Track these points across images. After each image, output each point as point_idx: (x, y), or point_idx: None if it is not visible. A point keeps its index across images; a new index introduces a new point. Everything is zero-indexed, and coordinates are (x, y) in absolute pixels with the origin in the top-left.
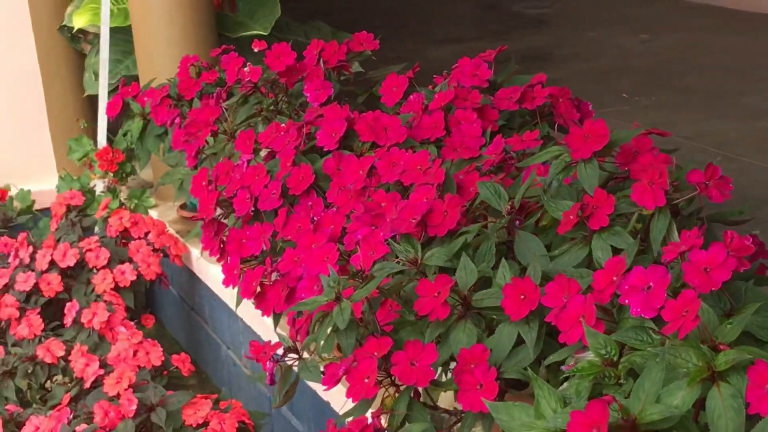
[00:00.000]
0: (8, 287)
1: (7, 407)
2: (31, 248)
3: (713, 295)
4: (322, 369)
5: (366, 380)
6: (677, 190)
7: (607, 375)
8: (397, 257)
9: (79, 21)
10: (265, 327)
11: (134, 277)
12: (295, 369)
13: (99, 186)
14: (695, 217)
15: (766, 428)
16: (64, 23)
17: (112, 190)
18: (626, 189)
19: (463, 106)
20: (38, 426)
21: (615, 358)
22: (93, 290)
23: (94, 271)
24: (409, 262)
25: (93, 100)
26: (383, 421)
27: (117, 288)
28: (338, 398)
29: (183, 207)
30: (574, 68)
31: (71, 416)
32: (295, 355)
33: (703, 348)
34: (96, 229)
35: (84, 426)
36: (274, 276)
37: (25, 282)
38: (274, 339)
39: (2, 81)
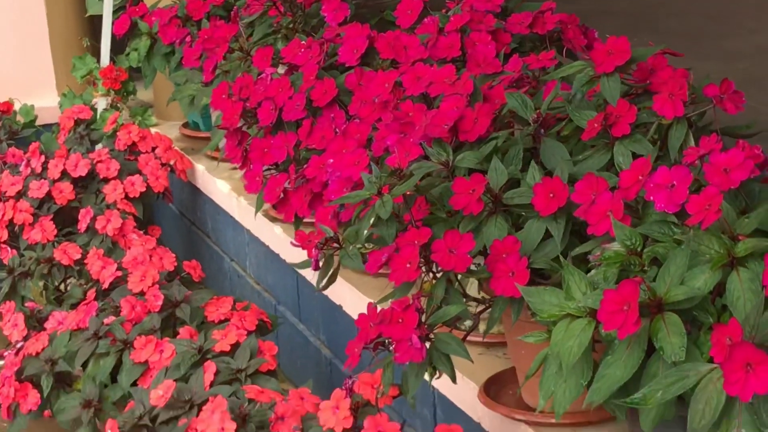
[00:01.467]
0: (21, 194)
1: (27, 304)
2: (42, 158)
3: (731, 195)
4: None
5: (408, 265)
6: (693, 103)
7: (633, 263)
8: (429, 159)
9: None
10: (274, 236)
11: (143, 189)
12: (337, 257)
13: (101, 104)
14: (708, 129)
15: None
16: None
17: (115, 108)
18: (643, 103)
19: (477, 28)
20: (61, 321)
21: (639, 249)
22: (104, 200)
23: (105, 181)
24: (441, 164)
25: (94, 20)
26: (423, 303)
27: (127, 198)
28: (351, 300)
29: (185, 126)
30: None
31: (98, 309)
32: (337, 245)
33: (723, 237)
34: (100, 144)
35: (112, 318)
36: (297, 183)
37: (38, 189)
38: (285, 246)
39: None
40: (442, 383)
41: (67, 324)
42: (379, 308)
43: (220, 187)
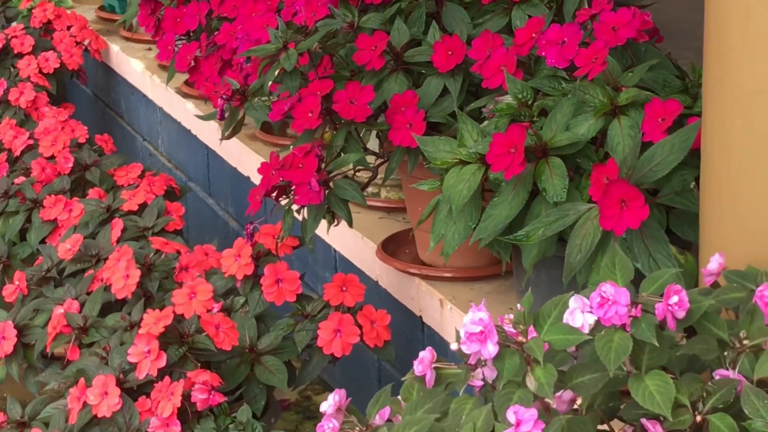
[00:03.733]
0: None
1: None
2: None
3: (617, 53)
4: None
5: (310, 114)
6: None
7: (523, 114)
8: (335, 19)
9: None
10: (186, 112)
11: (57, 65)
12: (242, 110)
13: None
14: None
15: (654, 152)
16: None
17: None
18: None
19: None
20: None
21: (530, 102)
22: (18, 74)
23: (19, 57)
24: (347, 24)
25: None
26: (323, 152)
27: (41, 73)
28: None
29: (101, 9)
30: None
31: (8, 170)
32: (242, 98)
33: (607, 88)
34: (15, 23)
35: (22, 179)
36: (208, 51)
37: None
38: (197, 122)
39: None
40: (343, 244)
41: None
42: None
43: (134, 66)
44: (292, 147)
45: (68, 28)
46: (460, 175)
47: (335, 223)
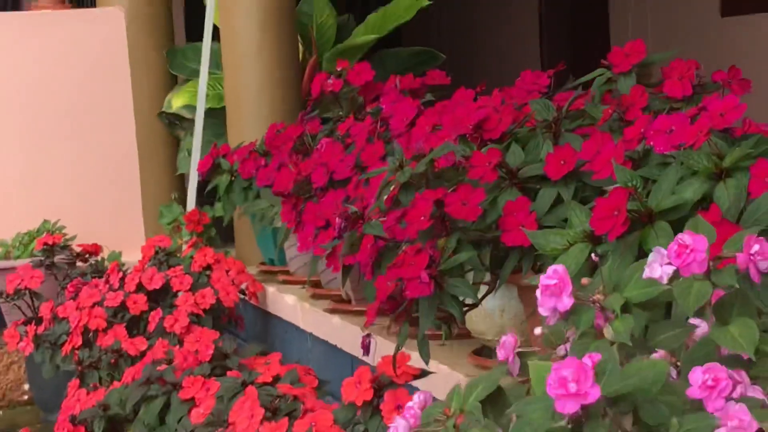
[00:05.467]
0: (97, 304)
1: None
2: (120, 274)
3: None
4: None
5: (422, 218)
6: (700, 85)
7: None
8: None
9: (177, 101)
10: (332, 329)
11: (213, 300)
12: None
13: (184, 247)
14: None
15: (760, 203)
16: (163, 109)
17: (196, 247)
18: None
19: None
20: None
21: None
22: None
23: (177, 295)
24: (464, 158)
25: (185, 178)
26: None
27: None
28: None
29: (262, 264)
30: None
31: (152, 360)
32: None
33: (712, 156)
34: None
35: (164, 366)
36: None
37: (113, 299)
38: (343, 336)
39: (103, 161)
40: None
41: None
42: None
43: (287, 300)
44: (404, 248)
45: (227, 271)
46: (568, 255)
47: (451, 333)
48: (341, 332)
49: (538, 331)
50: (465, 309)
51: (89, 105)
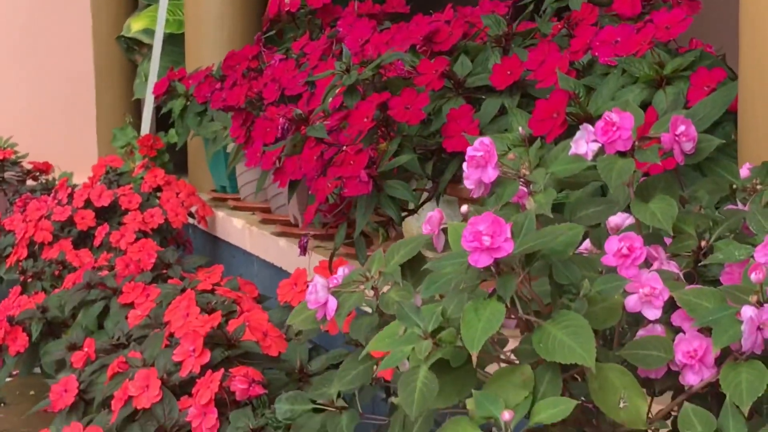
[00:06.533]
0: (44, 217)
1: None
2: (69, 189)
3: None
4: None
5: (365, 119)
6: (651, 5)
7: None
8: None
9: (136, 25)
10: (279, 250)
11: (162, 221)
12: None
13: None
14: None
15: (697, 110)
16: (122, 33)
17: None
18: None
19: None
20: None
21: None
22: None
23: (125, 213)
24: (412, 68)
25: (141, 103)
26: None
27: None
28: None
29: (214, 191)
30: None
31: (94, 267)
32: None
33: (654, 64)
34: None
35: (106, 272)
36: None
37: (61, 213)
38: (288, 258)
39: (60, 82)
40: None
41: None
42: None
43: (236, 224)
44: (345, 147)
45: (177, 194)
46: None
47: (388, 235)
48: (288, 255)
49: (464, 209)
50: (404, 214)
51: (47, 25)
